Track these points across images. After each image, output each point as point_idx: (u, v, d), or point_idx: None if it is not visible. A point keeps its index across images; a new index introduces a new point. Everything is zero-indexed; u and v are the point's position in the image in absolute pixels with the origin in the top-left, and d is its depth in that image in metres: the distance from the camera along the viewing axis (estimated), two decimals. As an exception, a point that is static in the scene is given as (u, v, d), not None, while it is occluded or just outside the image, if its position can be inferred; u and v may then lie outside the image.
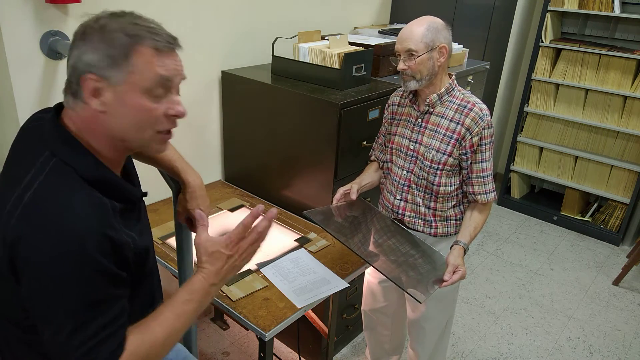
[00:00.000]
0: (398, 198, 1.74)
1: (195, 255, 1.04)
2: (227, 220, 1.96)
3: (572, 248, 3.45)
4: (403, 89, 1.76)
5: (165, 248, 1.75)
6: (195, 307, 0.99)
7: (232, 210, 2.05)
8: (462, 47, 2.63)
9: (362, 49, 2.13)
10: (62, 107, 0.95)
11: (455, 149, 1.60)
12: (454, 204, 1.70)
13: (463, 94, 1.63)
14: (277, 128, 2.09)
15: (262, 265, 1.67)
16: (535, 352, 2.47)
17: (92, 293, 0.85)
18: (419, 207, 1.71)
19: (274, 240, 1.84)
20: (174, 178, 1.29)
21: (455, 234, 1.71)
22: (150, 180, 1.37)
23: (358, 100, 1.92)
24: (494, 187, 1.67)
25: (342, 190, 1.70)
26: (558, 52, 3.55)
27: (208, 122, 2.26)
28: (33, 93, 1.64)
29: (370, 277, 1.97)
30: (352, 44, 2.23)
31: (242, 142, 2.26)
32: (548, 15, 3.44)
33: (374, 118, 2.02)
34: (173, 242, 1.56)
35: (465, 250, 1.59)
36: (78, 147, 0.91)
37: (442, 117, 1.62)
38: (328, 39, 2.15)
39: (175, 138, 1.32)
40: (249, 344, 2.36)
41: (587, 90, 3.46)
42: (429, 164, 1.63)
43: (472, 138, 1.58)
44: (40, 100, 1.65)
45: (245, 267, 1.09)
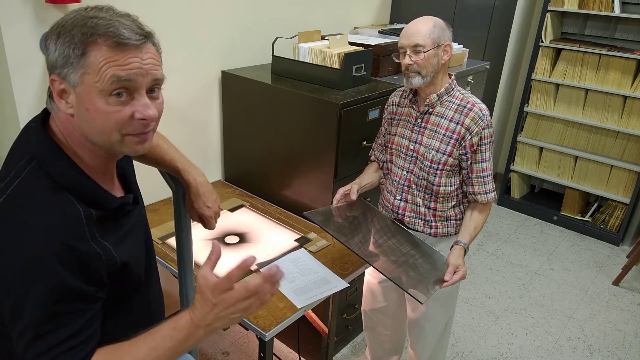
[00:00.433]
0: (398, 198, 1.74)
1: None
2: (227, 221, 1.96)
3: (572, 248, 3.46)
4: (403, 89, 1.76)
5: (165, 248, 1.75)
6: (174, 345, 0.88)
7: (232, 210, 2.05)
8: (462, 47, 2.63)
9: (362, 49, 2.13)
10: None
11: (455, 149, 1.60)
12: (454, 204, 1.70)
13: (463, 94, 1.63)
14: (277, 128, 2.09)
15: (262, 265, 1.67)
16: (535, 352, 2.47)
17: (51, 305, 0.81)
18: (419, 207, 1.71)
19: (274, 240, 1.84)
20: (177, 178, 1.28)
21: (456, 234, 1.71)
22: (151, 180, 1.37)
23: (358, 100, 1.92)
24: (494, 187, 1.67)
25: (342, 191, 1.70)
26: (558, 52, 3.55)
27: (208, 122, 2.26)
28: (33, 93, 1.64)
29: (370, 277, 1.97)
30: (352, 44, 2.23)
31: (242, 142, 2.26)
32: (548, 15, 3.44)
33: (374, 118, 2.02)
34: (173, 242, 1.56)
35: (466, 251, 1.60)
36: (56, 150, 0.87)
37: (441, 117, 1.62)
38: (328, 39, 2.15)
39: (176, 138, 1.31)
40: (249, 344, 2.36)
41: (587, 90, 3.46)
42: (429, 164, 1.63)
43: (471, 138, 1.58)
44: (40, 101, 1.65)
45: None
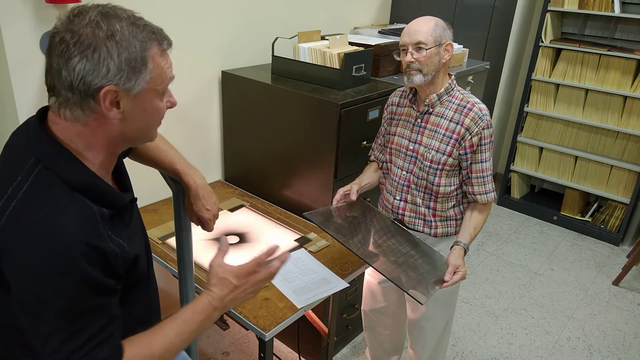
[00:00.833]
0: (398, 198, 1.74)
1: (206, 277, 1.06)
2: (227, 221, 1.96)
3: (572, 248, 3.45)
4: (403, 89, 1.76)
5: (165, 248, 1.75)
6: (196, 327, 0.99)
7: (232, 210, 2.05)
8: (462, 47, 2.63)
9: (362, 49, 2.13)
10: (46, 111, 0.92)
11: (455, 149, 1.60)
12: (454, 204, 1.70)
13: (462, 94, 1.63)
14: (277, 128, 2.09)
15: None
16: (535, 352, 2.47)
17: (80, 303, 0.83)
18: (419, 207, 1.70)
19: (274, 241, 1.84)
20: (176, 179, 1.29)
21: (456, 234, 1.71)
22: (151, 180, 1.37)
23: (358, 100, 1.92)
24: (494, 187, 1.67)
25: (342, 191, 1.70)
26: (558, 52, 3.55)
27: (208, 122, 2.26)
28: (33, 93, 1.64)
29: (370, 277, 1.97)
30: (352, 44, 2.24)
31: (242, 142, 2.26)
32: (548, 15, 3.44)
33: (374, 118, 2.02)
34: (173, 242, 1.56)
35: (466, 251, 1.59)
36: (63, 153, 0.88)
37: (441, 117, 1.62)
38: (328, 39, 2.15)
39: (175, 138, 1.31)
40: (249, 344, 2.36)
41: (587, 90, 3.46)
42: (429, 164, 1.63)
43: (471, 138, 1.58)
44: (40, 100, 1.65)
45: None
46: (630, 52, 3.23)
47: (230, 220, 1.96)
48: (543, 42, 3.51)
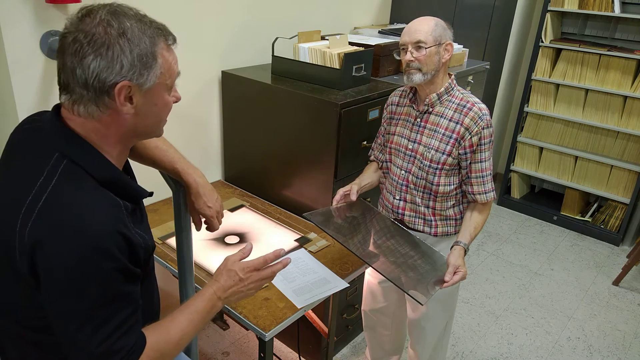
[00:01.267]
0: (397, 198, 1.74)
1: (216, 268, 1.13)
2: (227, 221, 1.95)
3: (572, 248, 3.45)
4: (403, 89, 1.76)
5: (165, 248, 1.75)
6: (203, 316, 1.05)
7: (232, 210, 2.06)
8: (462, 47, 2.63)
9: (362, 49, 2.13)
10: (59, 108, 0.94)
11: (455, 149, 1.60)
12: (453, 204, 1.70)
13: (462, 94, 1.63)
14: (277, 128, 2.09)
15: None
16: (535, 352, 2.47)
17: (111, 291, 0.87)
18: (418, 206, 1.70)
19: (274, 240, 1.84)
20: (176, 179, 1.29)
21: (455, 234, 1.71)
22: (151, 181, 1.37)
23: (358, 100, 1.92)
24: (494, 186, 1.67)
25: (341, 192, 1.70)
26: (558, 52, 3.55)
27: (208, 122, 2.26)
28: (33, 93, 1.64)
29: (370, 277, 1.97)
30: (352, 44, 2.23)
31: (242, 142, 2.26)
32: (548, 15, 3.44)
33: (374, 118, 2.02)
34: (173, 242, 1.56)
35: (466, 251, 1.59)
36: (88, 147, 0.91)
37: (441, 116, 1.62)
38: (328, 39, 2.15)
39: (175, 138, 1.31)
40: (249, 344, 2.36)
41: (587, 90, 3.46)
42: (428, 164, 1.63)
43: (471, 138, 1.58)
44: (40, 100, 1.65)
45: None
46: (630, 52, 3.23)
47: (230, 220, 1.96)
48: (543, 42, 3.51)
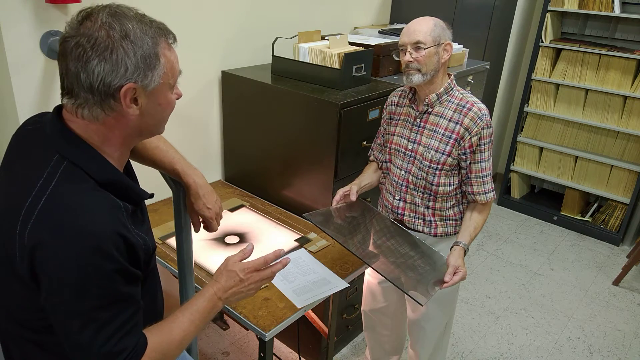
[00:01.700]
0: (397, 198, 1.74)
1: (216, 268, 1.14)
2: (227, 221, 1.95)
3: (572, 248, 3.45)
4: (402, 89, 1.76)
5: (165, 248, 1.75)
6: (205, 316, 1.05)
7: (232, 211, 2.06)
8: (462, 47, 2.63)
9: (362, 49, 2.13)
10: (60, 109, 0.94)
11: (454, 149, 1.60)
12: (453, 204, 1.70)
13: (462, 94, 1.63)
14: (277, 128, 2.09)
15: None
16: (535, 352, 2.47)
17: (112, 292, 0.87)
18: (418, 207, 1.70)
19: (274, 241, 1.84)
20: (176, 180, 1.29)
21: (455, 234, 1.71)
22: (151, 181, 1.37)
23: (358, 100, 1.92)
24: (493, 187, 1.67)
25: (341, 192, 1.70)
26: (558, 52, 3.55)
27: (208, 122, 2.26)
28: (33, 93, 1.64)
29: (370, 277, 1.97)
30: (352, 44, 2.23)
31: (242, 142, 2.26)
32: (548, 15, 3.44)
33: (374, 118, 2.02)
34: (173, 242, 1.56)
35: (466, 251, 1.59)
36: (88, 149, 0.91)
37: (440, 116, 1.62)
38: (328, 39, 2.15)
39: (175, 138, 1.31)
40: (249, 344, 2.36)
41: (587, 90, 3.46)
42: (428, 164, 1.63)
43: (471, 138, 1.58)
44: (40, 100, 1.65)
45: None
46: (630, 52, 3.23)
47: (230, 220, 1.96)
48: (543, 42, 3.51)
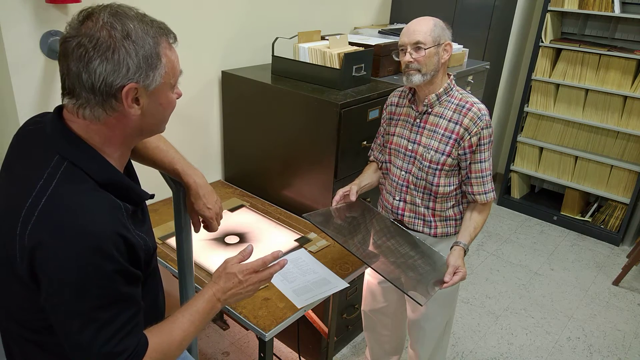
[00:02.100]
0: (397, 199, 1.74)
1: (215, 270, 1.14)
2: (227, 221, 1.95)
3: (572, 248, 3.45)
4: (402, 89, 1.76)
5: (165, 248, 1.75)
6: (204, 317, 1.06)
7: (232, 210, 2.06)
8: (462, 47, 2.63)
9: (362, 49, 2.13)
10: (61, 109, 0.94)
11: (454, 149, 1.60)
12: (453, 204, 1.70)
13: (461, 94, 1.63)
14: (277, 128, 2.09)
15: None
16: (535, 352, 2.47)
17: (112, 292, 0.87)
18: (418, 207, 1.70)
19: (274, 241, 1.85)
20: (176, 180, 1.29)
21: (455, 234, 1.71)
22: (151, 181, 1.37)
23: (358, 100, 1.92)
24: (493, 187, 1.67)
25: (341, 192, 1.70)
26: (558, 52, 3.55)
27: (208, 122, 2.26)
28: (33, 93, 1.64)
29: (370, 277, 1.97)
30: (352, 44, 2.24)
31: (242, 142, 2.26)
32: (548, 15, 3.44)
33: (374, 118, 2.02)
34: (173, 242, 1.56)
35: (466, 251, 1.59)
36: (88, 150, 0.91)
37: (440, 117, 1.62)
38: (328, 39, 2.15)
39: (175, 138, 1.31)
40: (249, 344, 2.36)
41: (587, 90, 3.46)
42: (428, 164, 1.63)
43: (470, 138, 1.58)
44: (40, 100, 1.65)
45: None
46: (630, 52, 3.23)
47: (230, 220, 1.96)
48: (543, 42, 3.51)
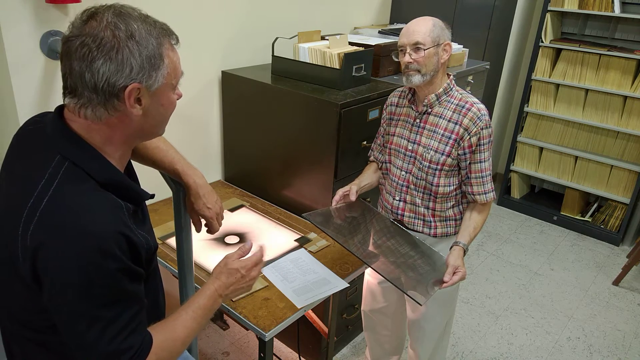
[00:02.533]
0: (397, 199, 1.74)
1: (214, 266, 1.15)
2: (227, 221, 1.95)
3: (572, 248, 3.45)
4: (402, 89, 1.76)
5: (165, 248, 1.75)
6: (206, 313, 1.07)
7: (232, 211, 2.06)
8: (462, 47, 2.63)
9: (362, 49, 2.13)
10: (62, 109, 0.94)
11: (454, 150, 1.60)
12: (453, 204, 1.70)
13: (461, 94, 1.63)
14: (277, 128, 2.09)
15: (264, 265, 1.67)
16: (535, 352, 2.47)
17: (116, 291, 0.87)
18: (418, 207, 1.70)
19: (274, 241, 1.85)
20: (176, 180, 1.29)
21: (455, 234, 1.71)
22: (151, 181, 1.37)
23: (358, 100, 1.92)
24: (493, 187, 1.67)
25: (341, 192, 1.70)
26: (558, 52, 3.55)
27: (208, 122, 2.26)
28: (33, 93, 1.64)
29: (370, 277, 1.97)
30: (352, 44, 2.24)
31: (242, 142, 2.26)
32: (548, 15, 3.44)
33: (374, 118, 2.02)
34: (173, 242, 1.56)
35: (465, 251, 1.59)
36: (89, 149, 0.91)
37: (440, 117, 1.62)
38: (328, 39, 2.15)
39: (175, 138, 1.31)
40: (249, 344, 2.36)
41: (587, 90, 3.46)
42: (428, 164, 1.63)
43: (470, 138, 1.58)
44: (40, 100, 1.65)
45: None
46: (630, 52, 3.23)
47: (230, 220, 1.96)
48: (543, 42, 3.51)
